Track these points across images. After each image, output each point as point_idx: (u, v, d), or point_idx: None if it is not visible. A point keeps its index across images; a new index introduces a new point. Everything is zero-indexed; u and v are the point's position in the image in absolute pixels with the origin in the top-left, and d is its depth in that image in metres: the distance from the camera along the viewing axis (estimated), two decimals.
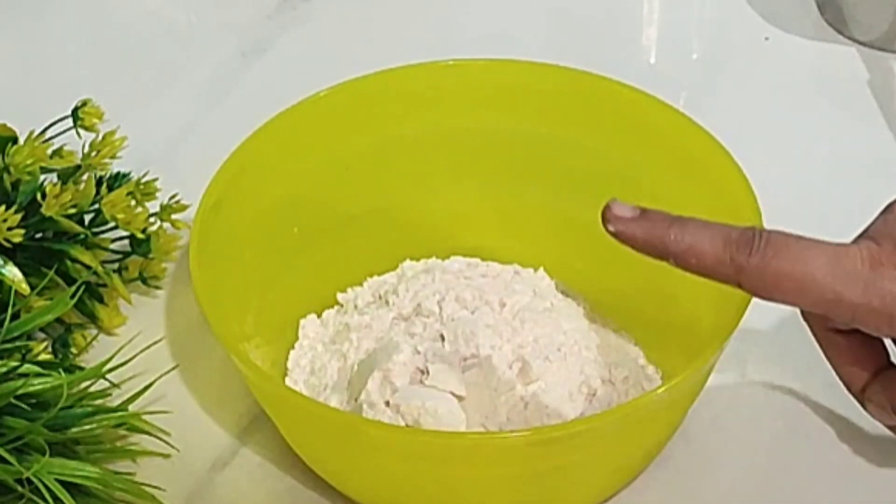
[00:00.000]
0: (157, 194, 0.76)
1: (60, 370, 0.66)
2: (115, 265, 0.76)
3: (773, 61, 0.93)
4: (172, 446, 0.69)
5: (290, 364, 0.72)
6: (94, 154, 0.74)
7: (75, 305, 0.71)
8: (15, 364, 0.65)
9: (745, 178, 0.68)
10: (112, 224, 0.75)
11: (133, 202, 0.75)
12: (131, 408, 0.68)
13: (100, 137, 0.75)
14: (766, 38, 0.94)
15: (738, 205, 0.68)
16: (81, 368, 0.70)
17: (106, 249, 0.76)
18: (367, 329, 0.71)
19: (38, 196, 0.72)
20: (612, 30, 0.96)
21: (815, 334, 0.65)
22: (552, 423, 0.66)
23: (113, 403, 0.69)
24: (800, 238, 0.59)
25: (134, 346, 0.70)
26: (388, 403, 0.65)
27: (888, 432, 0.70)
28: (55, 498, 0.62)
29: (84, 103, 0.75)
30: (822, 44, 0.93)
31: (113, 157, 0.75)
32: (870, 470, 0.69)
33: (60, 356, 0.73)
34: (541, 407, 0.66)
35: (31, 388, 0.65)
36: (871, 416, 0.65)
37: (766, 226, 0.66)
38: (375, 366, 0.67)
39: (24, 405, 0.64)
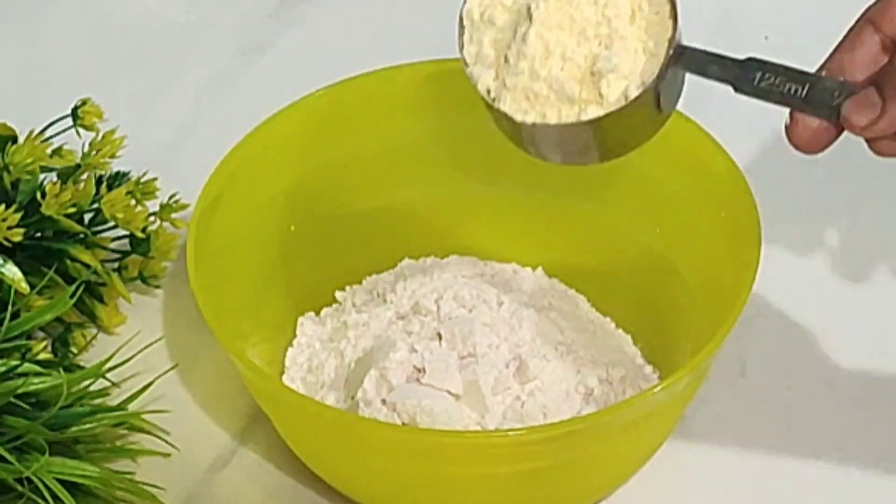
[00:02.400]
0: (157, 193, 0.76)
1: (60, 369, 0.67)
2: (115, 264, 0.77)
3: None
4: (172, 445, 0.69)
5: (287, 362, 0.72)
6: (93, 153, 0.75)
7: (75, 304, 0.71)
8: (15, 363, 0.66)
9: (743, 177, 0.68)
10: (112, 223, 0.75)
11: (133, 201, 0.75)
12: (131, 407, 0.68)
13: (99, 136, 0.75)
14: (766, 38, 0.94)
15: (735, 204, 0.68)
16: (81, 367, 0.70)
17: (105, 248, 0.76)
18: (365, 327, 0.71)
19: (38, 195, 0.72)
20: None
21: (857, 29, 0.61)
22: (549, 422, 0.66)
23: (112, 403, 0.69)
24: None
25: (133, 345, 0.71)
26: (384, 402, 0.66)
27: (888, 432, 0.70)
28: (55, 497, 0.63)
29: (84, 102, 0.75)
30: (821, 43, 0.93)
31: (112, 156, 0.75)
32: (869, 469, 0.69)
33: (60, 355, 0.73)
34: (537, 406, 0.66)
35: (31, 388, 0.65)
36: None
37: (764, 227, 0.66)
38: (372, 364, 0.67)
39: (23, 404, 0.64)
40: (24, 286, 0.70)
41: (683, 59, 0.60)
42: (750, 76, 0.59)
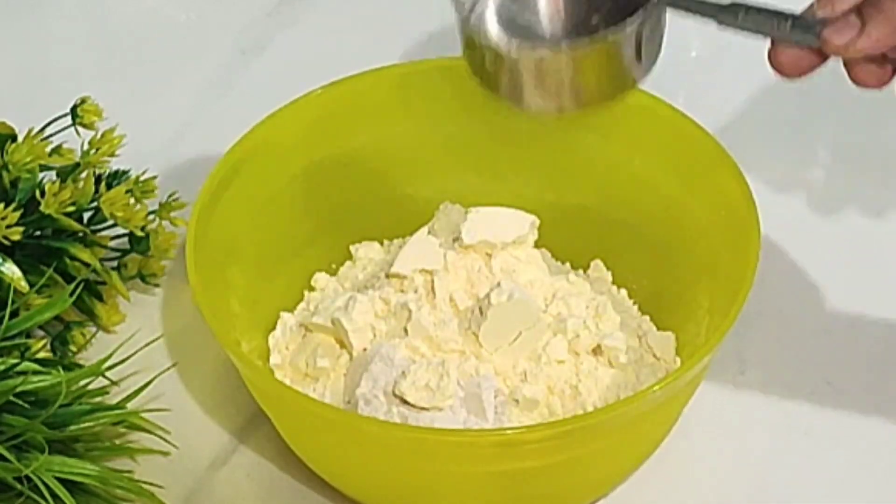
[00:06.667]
0: (156, 192, 0.76)
1: (59, 368, 0.67)
2: (114, 263, 0.77)
3: None
4: (171, 444, 0.69)
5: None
6: (93, 152, 0.75)
7: (74, 303, 0.71)
8: (14, 362, 0.66)
9: (742, 176, 0.68)
10: (111, 222, 0.75)
11: (132, 200, 0.75)
12: (130, 405, 0.68)
13: (99, 135, 0.75)
14: None
15: (734, 203, 0.68)
16: (80, 366, 0.70)
17: (105, 247, 0.76)
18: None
19: (38, 194, 0.72)
20: None
21: None
22: (548, 421, 0.66)
23: (112, 401, 0.69)
24: None
25: (132, 343, 0.70)
26: (383, 400, 0.66)
27: (887, 430, 0.70)
28: (54, 496, 0.63)
29: (83, 101, 0.75)
30: None
31: (112, 154, 0.75)
32: (868, 468, 0.69)
33: (59, 354, 0.73)
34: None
35: (30, 386, 0.65)
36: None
37: (764, 229, 0.66)
38: (371, 362, 0.67)
39: (23, 403, 0.64)
40: (23, 285, 0.70)
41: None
42: (730, 20, 0.60)
